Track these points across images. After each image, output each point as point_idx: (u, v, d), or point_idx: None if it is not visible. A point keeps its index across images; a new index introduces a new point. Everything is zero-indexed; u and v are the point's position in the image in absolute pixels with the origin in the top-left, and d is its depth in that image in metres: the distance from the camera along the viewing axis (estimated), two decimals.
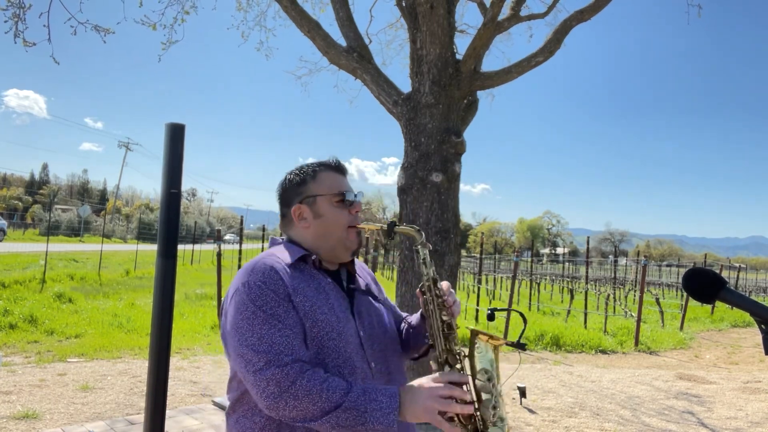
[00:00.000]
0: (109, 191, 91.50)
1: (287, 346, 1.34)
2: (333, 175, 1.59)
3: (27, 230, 45.51)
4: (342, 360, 1.43)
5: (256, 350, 1.33)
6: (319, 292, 1.48)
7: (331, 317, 1.45)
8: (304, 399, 1.29)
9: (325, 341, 1.42)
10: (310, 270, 1.52)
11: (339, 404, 1.29)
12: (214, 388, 5.65)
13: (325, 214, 1.55)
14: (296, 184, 1.59)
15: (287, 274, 1.44)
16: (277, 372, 1.31)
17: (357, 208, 1.58)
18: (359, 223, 1.57)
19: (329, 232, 1.54)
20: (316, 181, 1.57)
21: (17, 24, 5.39)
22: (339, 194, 1.55)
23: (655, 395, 6.49)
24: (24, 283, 12.75)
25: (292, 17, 5.55)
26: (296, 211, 1.57)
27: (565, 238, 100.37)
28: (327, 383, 1.31)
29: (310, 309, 1.42)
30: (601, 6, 5.37)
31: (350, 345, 1.46)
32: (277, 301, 1.38)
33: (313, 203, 1.56)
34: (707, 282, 1.25)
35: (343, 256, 1.57)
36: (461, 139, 5.05)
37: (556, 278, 27.56)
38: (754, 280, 38.42)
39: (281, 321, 1.36)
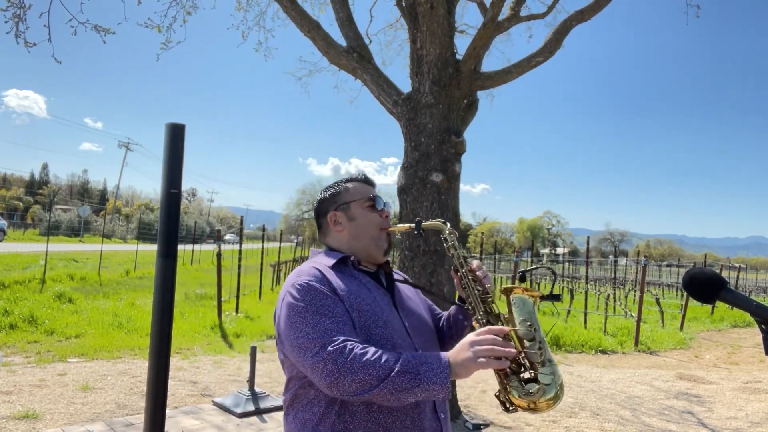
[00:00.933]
0: (109, 191, 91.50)
1: (338, 330, 1.46)
2: (363, 186, 1.78)
3: (27, 230, 45.51)
4: (390, 345, 1.53)
5: (311, 337, 1.44)
6: (361, 287, 1.61)
7: (375, 308, 1.58)
8: (360, 371, 1.37)
9: (372, 329, 1.53)
10: (351, 270, 1.67)
11: (393, 369, 1.36)
12: (214, 388, 5.65)
13: (358, 217, 1.72)
14: (331, 195, 1.77)
15: (331, 274, 1.59)
16: (332, 351, 1.40)
17: (386, 212, 1.75)
18: (389, 226, 1.74)
19: (363, 233, 1.71)
20: (348, 190, 1.76)
21: (18, 24, 5.39)
22: (370, 199, 1.74)
23: (655, 395, 6.49)
24: (24, 283, 12.75)
25: (292, 17, 5.55)
26: (332, 217, 1.74)
27: (565, 238, 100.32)
28: (379, 353, 1.39)
29: (354, 301, 1.54)
30: (601, 6, 5.37)
31: (397, 332, 1.58)
32: (324, 296, 1.51)
33: (347, 209, 1.73)
34: (707, 282, 1.25)
35: (377, 255, 1.71)
36: (461, 139, 5.04)
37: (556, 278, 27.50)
38: (754, 280, 38.42)
39: (330, 311, 1.49)
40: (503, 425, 5.00)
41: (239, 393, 5.02)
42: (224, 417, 4.71)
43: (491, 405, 5.61)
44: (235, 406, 4.82)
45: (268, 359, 7.30)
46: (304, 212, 68.64)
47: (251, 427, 4.52)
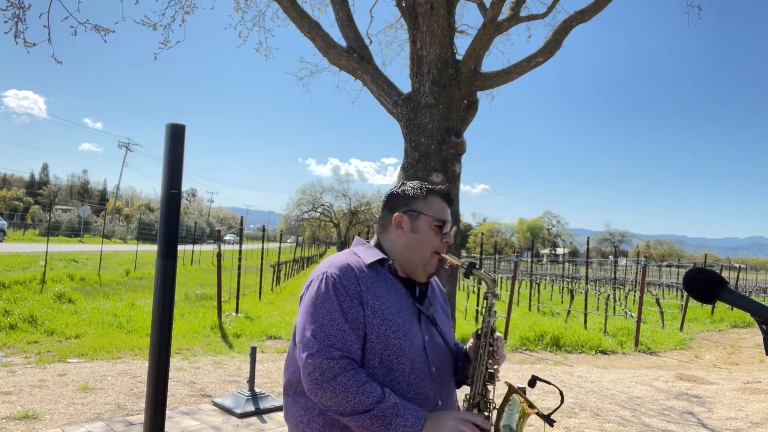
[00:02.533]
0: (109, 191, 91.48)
1: (341, 340, 1.47)
2: (441, 203, 1.69)
3: (27, 231, 45.50)
4: (406, 358, 1.54)
5: (315, 336, 1.47)
6: (390, 294, 1.60)
7: (398, 318, 1.56)
8: (340, 394, 1.42)
9: (390, 338, 1.53)
10: (386, 273, 1.64)
11: (369, 409, 1.41)
12: (214, 388, 5.65)
13: (422, 232, 1.65)
14: (408, 195, 1.70)
15: (363, 273, 1.58)
16: (325, 362, 1.44)
17: (448, 239, 1.68)
18: (444, 252, 1.68)
19: (418, 250, 1.65)
20: (426, 201, 1.68)
21: (17, 24, 5.39)
22: (440, 220, 1.66)
23: (655, 395, 6.49)
24: (24, 284, 12.74)
25: (292, 17, 5.55)
26: (397, 218, 1.68)
27: (565, 238, 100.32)
28: (365, 387, 1.43)
29: (379, 307, 1.54)
30: (601, 6, 5.37)
31: (414, 346, 1.57)
32: (346, 298, 1.51)
33: (416, 218, 1.66)
34: (708, 282, 1.25)
35: (420, 276, 1.67)
36: (461, 139, 5.04)
37: (556, 278, 27.55)
38: (754, 280, 38.43)
39: (344, 316, 1.49)
40: None
41: (239, 393, 5.02)
42: (224, 417, 4.71)
43: None
44: (234, 407, 4.82)
45: (268, 359, 7.30)
46: (304, 212, 68.57)
47: (251, 428, 4.52)
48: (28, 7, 5.44)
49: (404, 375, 1.53)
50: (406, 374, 1.53)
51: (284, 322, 10.09)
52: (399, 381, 1.53)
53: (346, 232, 64.21)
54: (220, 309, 10.07)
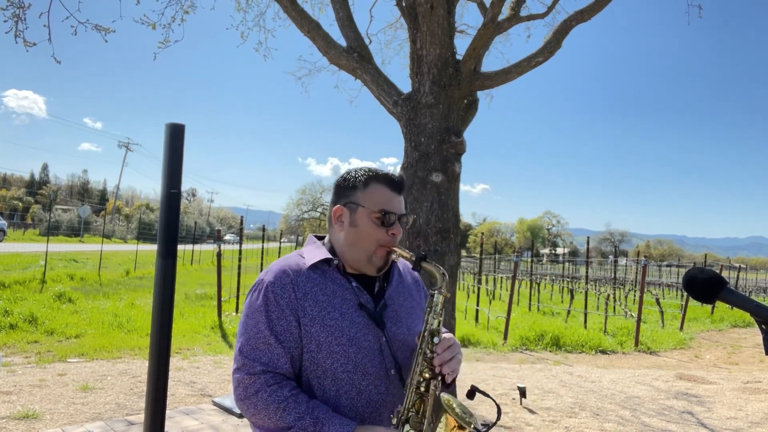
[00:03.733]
0: (109, 191, 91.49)
1: (266, 354, 1.42)
2: (383, 190, 1.53)
3: (27, 230, 45.51)
4: (352, 365, 1.45)
5: (241, 351, 1.44)
6: (333, 297, 1.49)
7: (342, 322, 1.46)
8: (262, 411, 1.39)
9: (333, 345, 1.44)
10: (333, 273, 1.53)
11: (290, 427, 1.36)
12: (214, 388, 5.65)
13: (361, 226, 1.51)
14: (346, 186, 1.56)
15: (302, 277, 1.48)
16: (246, 378, 1.41)
17: (395, 230, 1.51)
18: (393, 245, 1.51)
19: (359, 244, 1.51)
20: (365, 190, 1.53)
21: (17, 24, 5.39)
22: (380, 211, 1.50)
23: (655, 395, 6.49)
24: (24, 283, 12.75)
25: (292, 17, 5.55)
26: (337, 212, 1.55)
27: (565, 238, 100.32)
28: (285, 403, 1.38)
29: (318, 313, 1.45)
30: (601, 6, 5.37)
31: (363, 350, 1.46)
32: (276, 308, 1.44)
33: (354, 211, 1.52)
34: (707, 282, 1.25)
35: (368, 270, 1.54)
36: (461, 139, 5.04)
37: (556, 278, 27.56)
38: (754, 280, 38.42)
39: (271, 329, 1.43)
40: (503, 425, 5.00)
41: None
42: (224, 417, 4.71)
43: (491, 405, 5.61)
44: (234, 407, 4.82)
45: None
46: (304, 212, 68.59)
47: (251, 428, 4.52)
48: (28, 6, 5.44)
49: (352, 382, 1.45)
50: (354, 381, 1.45)
51: None
52: (347, 389, 1.45)
53: None
54: (220, 309, 10.07)
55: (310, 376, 1.46)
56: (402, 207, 1.55)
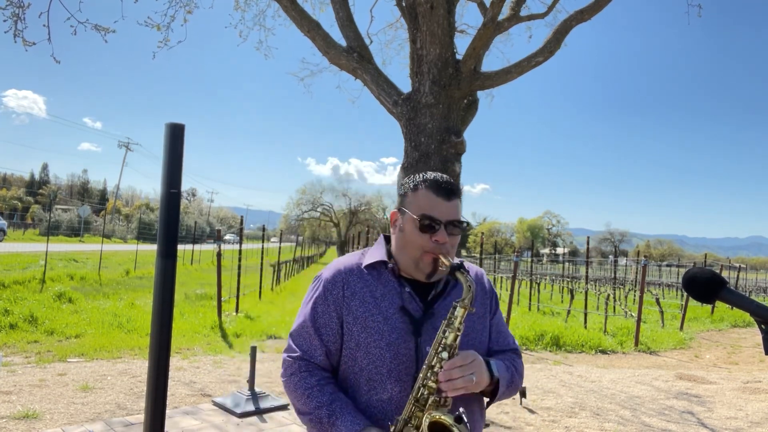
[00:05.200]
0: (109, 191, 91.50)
1: (305, 344, 1.55)
2: (430, 197, 1.50)
3: (27, 230, 45.50)
4: (386, 369, 1.48)
5: (291, 334, 1.60)
6: (381, 300, 1.52)
7: (384, 326, 1.49)
8: (292, 393, 1.53)
9: (371, 348, 1.49)
10: (387, 275, 1.55)
11: (309, 413, 1.48)
12: (214, 388, 5.65)
13: (406, 232, 1.52)
14: (402, 192, 1.59)
15: (354, 277, 1.55)
16: (286, 360, 1.57)
17: (438, 237, 1.48)
18: (439, 252, 1.48)
19: (406, 250, 1.53)
20: (415, 196, 1.53)
21: (17, 23, 5.39)
22: (420, 217, 1.48)
23: (655, 395, 6.49)
24: (24, 283, 12.74)
25: (292, 17, 5.55)
26: (393, 216, 1.61)
27: (565, 238, 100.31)
28: (310, 390, 1.49)
29: (362, 314, 1.51)
30: (601, 6, 5.37)
31: (399, 356, 1.48)
32: (323, 303, 1.55)
33: (403, 216, 1.55)
34: (707, 282, 1.25)
35: (418, 276, 1.53)
36: (461, 139, 5.04)
37: (556, 278, 27.56)
38: (754, 280, 38.40)
39: (314, 322, 1.54)
40: (503, 425, 5.00)
41: (239, 393, 5.02)
42: (224, 417, 4.71)
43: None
44: (234, 406, 4.82)
45: (268, 359, 7.30)
46: (304, 212, 68.57)
47: (251, 427, 4.52)
48: (27, 6, 5.44)
49: (384, 386, 1.47)
50: (386, 385, 1.47)
51: (284, 321, 10.09)
52: (378, 391, 1.48)
53: (346, 232, 64.21)
54: (220, 308, 10.07)
55: (347, 372, 1.53)
56: (451, 213, 1.50)
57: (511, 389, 1.59)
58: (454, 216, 1.51)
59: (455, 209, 1.52)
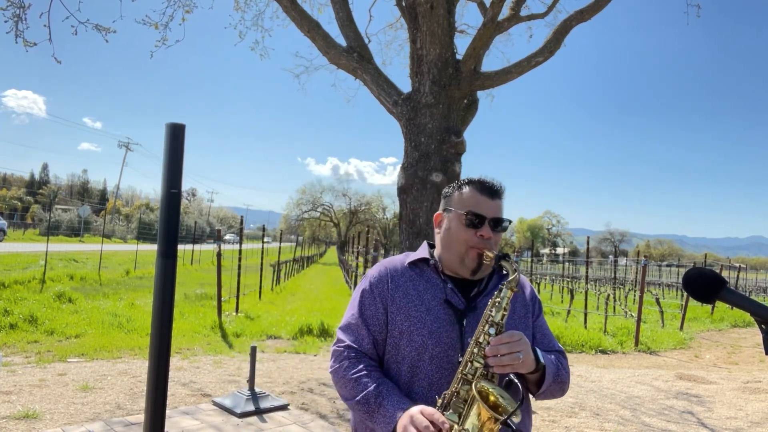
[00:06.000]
0: (109, 191, 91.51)
1: (354, 334, 1.62)
2: (476, 195, 1.61)
3: (27, 230, 45.51)
4: (428, 356, 1.54)
5: (340, 327, 1.67)
6: (424, 293, 1.61)
7: (426, 316, 1.57)
8: (339, 381, 1.59)
9: (414, 335, 1.56)
10: (429, 272, 1.65)
11: (355, 397, 1.53)
12: (214, 388, 5.65)
13: (452, 228, 1.61)
14: (447, 194, 1.69)
15: (397, 272, 1.65)
16: (336, 350, 1.63)
17: (483, 232, 1.56)
18: (484, 247, 1.56)
19: (451, 246, 1.61)
20: (460, 194, 1.63)
21: (17, 24, 5.39)
22: (466, 213, 1.58)
23: (655, 395, 6.49)
24: (24, 283, 12.74)
25: (292, 17, 5.55)
26: (437, 217, 1.69)
27: (565, 238, 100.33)
28: (358, 375, 1.54)
29: (405, 305, 1.59)
30: (602, 6, 5.37)
31: (442, 344, 1.54)
32: (371, 296, 1.63)
33: (448, 215, 1.64)
34: (707, 282, 1.25)
35: (463, 272, 1.61)
36: (461, 139, 5.04)
37: (556, 278, 27.55)
38: (754, 280, 38.40)
39: (362, 313, 1.63)
40: None
41: (239, 393, 5.02)
42: (224, 417, 4.71)
43: None
44: (234, 406, 4.82)
45: (268, 359, 7.30)
46: (304, 212, 68.56)
47: (251, 427, 4.52)
48: (28, 6, 5.44)
49: (426, 372, 1.54)
50: (428, 372, 1.54)
51: (284, 321, 10.10)
52: (419, 378, 1.55)
53: (346, 232, 64.20)
54: (220, 308, 10.07)
55: (390, 360, 1.60)
56: (495, 211, 1.60)
57: (558, 384, 1.61)
58: (498, 214, 1.60)
59: (499, 208, 1.61)
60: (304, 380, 6.20)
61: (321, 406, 5.23)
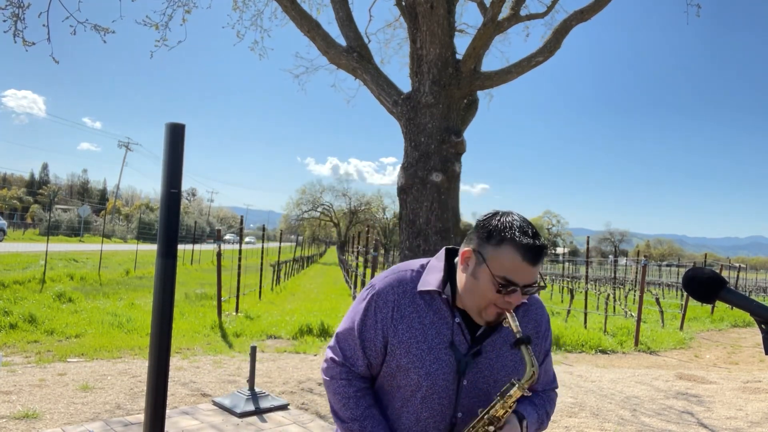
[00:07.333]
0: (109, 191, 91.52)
1: (349, 350, 1.57)
2: (517, 259, 1.39)
3: (27, 230, 45.52)
4: (420, 396, 1.50)
5: (337, 334, 1.61)
6: (430, 328, 1.50)
7: (427, 355, 1.49)
8: (330, 394, 1.58)
9: (410, 373, 1.50)
10: (440, 303, 1.52)
11: (344, 422, 1.54)
12: (214, 388, 5.65)
13: (480, 281, 1.43)
14: (483, 234, 1.45)
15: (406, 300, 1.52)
16: (330, 363, 1.59)
17: (513, 299, 1.41)
18: (506, 309, 1.43)
19: (473, 297, 1.46)
20: (498, 249, 1.41)
21: (16, 23, 5.39)
22: (502, 279, 1.39)
23: (654, 395, 6.49)
24: (24, 283, 12.74)
25: (292, 17, 5.55)
26: (465, 254, 1.48)
27: (565, 238, 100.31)
28: (346, 400, 1.54)
29: (407, 339, 1.50)
30: (601, 6, 5.37)
31: (436, 387, 1.48)
32: (372, 318, 1.53)
33: (479, 265, 1.44)
34: (707, 282, 1.25)
35: (478, 320, 1.50)
36: (461, 138, 5.04)
37: (556, 278, 27.55)
38: (754, 280, 38.40)
39: (361, 334, 1.55)
40: None
41: (239, 393, 5.02)
42: (224, 417, 4.71)
43: None
44: (234, 406, 4.82)
45: (268, 359, 7.30)
46: (304, 212, 68.57)
47: (251, 427, 4.52)
48: (27, 6, 5.44)
49: (416, 411, 1.51)
50: (418, 411, 1.51)
51: (284, 321, 10.10)
52: (408, 414, 1.52)
53: (346, 232, 64.20)
54: (220, 308, 10.07)
55: (384, 384, 1.57)
56: (531, 278, 1.42)
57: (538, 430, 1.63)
58: (534, 279, 1.44)
59: (536, 273, 1.43)
60: (304, 380, 6.20)
61: (320, 406, 5.23)
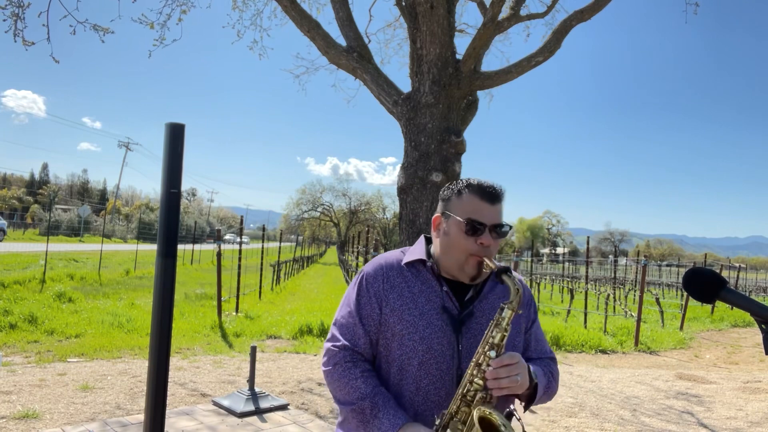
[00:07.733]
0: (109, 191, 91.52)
1: (349, 333, 1.59)
2: (476, 201, 1.55)
3: (27, 230, 45.51)
4: (417, 362, 1.52)
5: (334, 324, 1.64)
6: (419, 295, 1.58)
7: (419, 320, 1.54)
8: (334, 383, 1.56)
9: (405, 339, 1.54)
10: (426, 273, 1.61)
11: (352, 403, 1.51)
12: (214, 387, 5.65)
13: (451, 235, 1.56)
14: (445, 197, 1.62)
15: (394, 272, 1.61)
16: (330, 348, 1.59)
17: (484, 240, 1.52)
18: (484, 255, 1.52)
19: (450, 253, 1.56)
20: (459, 200, 1.57)
21: (16, 23, 5.39)
22: (466, 220, 1.53)
23: (654, 395, 6.49)
24: (24, 283, 12.74)
25: (292, 17, 5.55)
26: (436, 220, 1.63)
27: (565, 237, 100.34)
28: (354, 381, 1.52)
29: (399, 307, 1.57)
30: (601, 6, 5.37)
31: (432, 351, 1.53)
32: (366, 295, 1.60)
33: (447, 220, 1.58)
34: (707, 282, 1.25)
35: (462, 278, 1.58)
36: (461, 138, 5.04)
37: (556, 278, 27.55)
38: (754, 280, 38.40)
39: (359, 312, 1.59)
40: None
41: (239, 393, 5.02)
42: (223, 417, 4.71)
43: None
44: (234, 406, 4.82)
45: (268, 359, 7.30)
46: (304, 212, 68.56)
47: (250, 428, 4.52)
48: (27, 5, 5.44)
49: (415, 378, 1.53)
50: (417, 377, 1.52)
51: (284, 321, 10.09)
52: (408, 382, 1.54)
53: (346, 232, 64.19)
54: (220, 308, 10.07)
55: (381, 361, 1.59)
56: (495, 217, 1.55)
57: (548, 394, 1.64)
58: (498, 220, 1.56)
59: (499, 213, 1.57)
60: (304, 380, 6.20)
61: (320, 406, 5.23)
